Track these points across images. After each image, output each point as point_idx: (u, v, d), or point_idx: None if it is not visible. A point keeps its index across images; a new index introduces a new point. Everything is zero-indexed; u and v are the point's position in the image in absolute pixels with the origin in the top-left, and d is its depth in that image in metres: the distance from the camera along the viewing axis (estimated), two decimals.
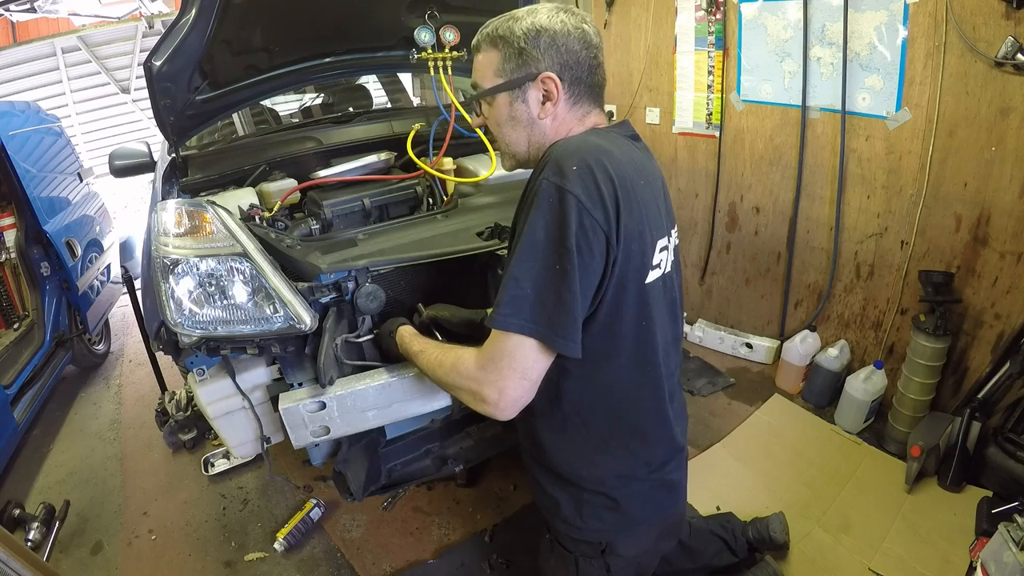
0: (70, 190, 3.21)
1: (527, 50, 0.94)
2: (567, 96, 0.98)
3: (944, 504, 1.93)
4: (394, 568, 1.87)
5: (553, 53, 0.94)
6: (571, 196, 0.85)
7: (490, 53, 0.98)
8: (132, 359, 3.43)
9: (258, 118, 2.87)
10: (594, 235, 0.86)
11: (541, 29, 0.93)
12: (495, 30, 0.97)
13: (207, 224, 1.34)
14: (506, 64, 0.96)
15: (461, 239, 1.55)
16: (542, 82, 0.95)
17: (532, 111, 0.98)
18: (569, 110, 1.00)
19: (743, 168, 2.72)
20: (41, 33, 4.79)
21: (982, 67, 1.86)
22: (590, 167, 0.87)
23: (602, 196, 0.86)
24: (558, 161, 0.88)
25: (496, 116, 1.02)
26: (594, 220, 0.86)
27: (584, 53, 0.96)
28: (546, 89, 0.96)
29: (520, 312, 0.87)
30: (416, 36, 1.87)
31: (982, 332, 2.08)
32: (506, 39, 0.95)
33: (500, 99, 0.99)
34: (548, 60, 0.95)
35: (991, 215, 1.96)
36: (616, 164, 0.91)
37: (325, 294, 1.42)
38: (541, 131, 1.00)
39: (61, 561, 1.99)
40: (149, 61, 1.56)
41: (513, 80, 0.96)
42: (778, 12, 2.36)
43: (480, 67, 1.01)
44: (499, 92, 0.98)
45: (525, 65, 0.95)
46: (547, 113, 0.98)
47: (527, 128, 1.00)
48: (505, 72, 0.97)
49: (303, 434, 1.40)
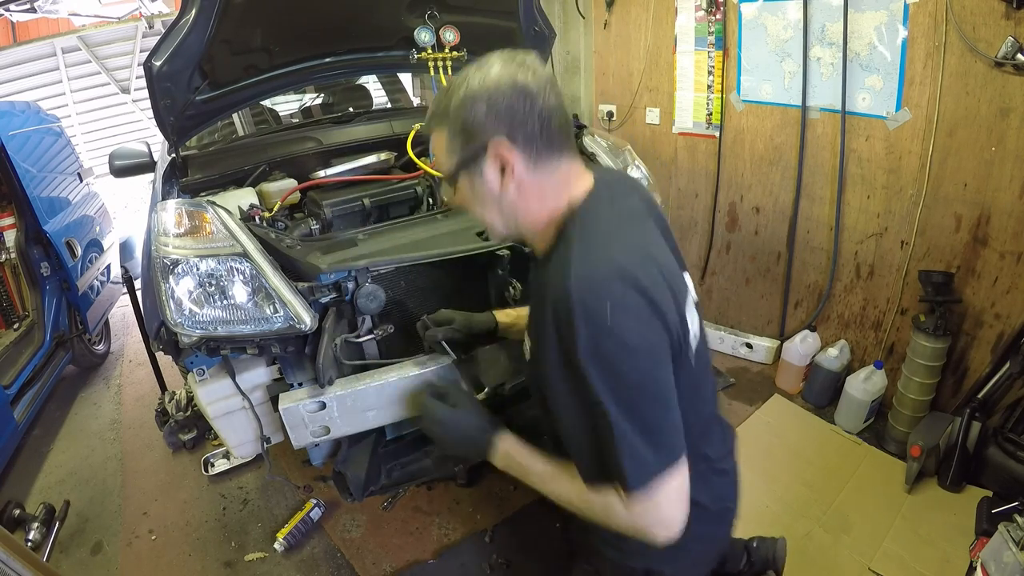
0: (70, 190, 3.21)
1: (467, 121, 0.85)
2: (524, 159, 0.85)
3: (944, 504, 1.93)
4: (394, 568, 1.87)
5: (493, 118, 0.84)
6: (625, 344, 0.77)
7: (439, 133, 0.90)
8: (132, 359, 3.43)
9: (258, 118, 2.87)
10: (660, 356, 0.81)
11: (474, 96, 0.84)
12: (435, 108, 0.90)
13: (207, 224, 1.34)
14: (453, 142, 0.87)
15: (461, 239, 1.55)
16: (493, 153, 0.85)
17: (493, 186, 0.87)
18: (534, 174, 0.87)
19: (743, 168, 2.72)
20: (41, 33, 4.79)
21: (982, 67, 1.86)
22: (623, 302, 0.77)
23: (650, 322, 0.79)
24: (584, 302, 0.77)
25: (463, 198, 0.93)
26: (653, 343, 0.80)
27: (525, 105, 0.84)
28: (499, 158, 0.85)
29: (644, 464, 0.80)
30: (416, 36, 1.87)
31: (982, 332, 2.08)
32: (445, 115, 0.87)
33: (461, 180, 0.90)
34: (491, 127, 0.84)
35: (991, 215, 1.96)
36: (637, 258, 0.82)
37: (325, 294, 1.42)
38: (511, 205, 0.89)
39: (61, 561, 1.99)
40: (149, 61, 1.56)
41: (465, 158, 0.87)
42: (778, 12, 2.36)
43: (436, 149, 0.93)
44: (457, 173, 0.89)
45: (470, 138, 0.85)
46: (509, 185, 0.87)
47: (496, 205, 0.90)
48: (455, 150, 0.88)
49: (303, 434, 1.40)
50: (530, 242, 0.96)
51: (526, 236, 0.94)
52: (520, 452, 1.02)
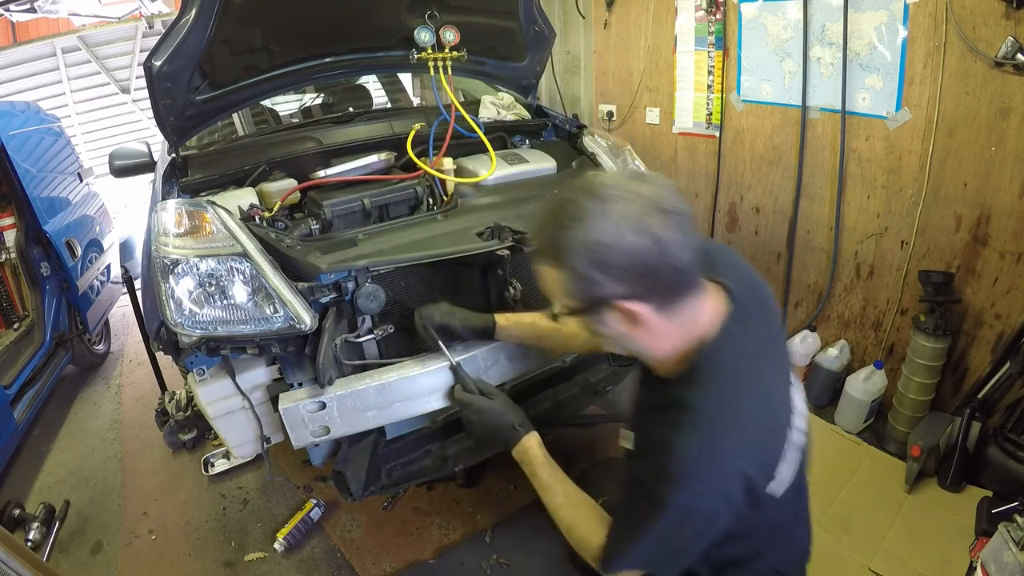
0: (70, 190, 3.21)
1: (594, 277, 0.74)
2: (654, 308, 0.77)
3: (944, 504, 1.93)
4: (394, 568, 1.87)
5: (630, 275, 0.74)
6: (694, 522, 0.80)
7: (550, 271, 0.80)
8: (132, 359, 3.43)
9: (258, 118, 2.86)
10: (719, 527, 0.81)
11: (596, 247, 0.73)
12: (548, 243, 0.78)
13: (207, 224, 1.35)
14: (572, 287, 0.78)
15: (461, 239, 1.55)
16: (616, 308, 0.78)
17: (620, 329, 0.81)
18: (663, 318, 0.79)
19: (743, 168, 2.72)
20: (41, 33, 4.78)
21: (982, 67, 1.86)
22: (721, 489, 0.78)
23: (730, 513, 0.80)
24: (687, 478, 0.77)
25: (583, 327, 0.86)
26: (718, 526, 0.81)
27: (657, 260, 0.73)
28: (625, 314, 0.78)
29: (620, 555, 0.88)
30: (416, 36, 1.87)
31: (982, 332, 2.08)
32: (562, 257, 0.76)
33: (581, 318, 0.83)
34: (616, 286, 0.75)
35: (991, 215, 1.96)
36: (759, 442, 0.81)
37: (325, 294, 1.42)
38: (636, 344, 0.84)
39: (61, 561, 1.99)
40: (149, 61, 1.57)
41: (584, 308, 0.80)
42: (778, 12, 2.36)
43: (546, 281, 0.83)
44: (576, 312, 0.82)
45: (591, 291, 0.76)
46: (636, 331, 0.81)
47: (622, 341, 0.84)
48: (573, 295, 0.79)
49: (303, 434, 1.40)
50: (656, 368, 0.91)
51: (653, 366, 0.90)
52: (538, 454, 1.09)
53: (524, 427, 1.13)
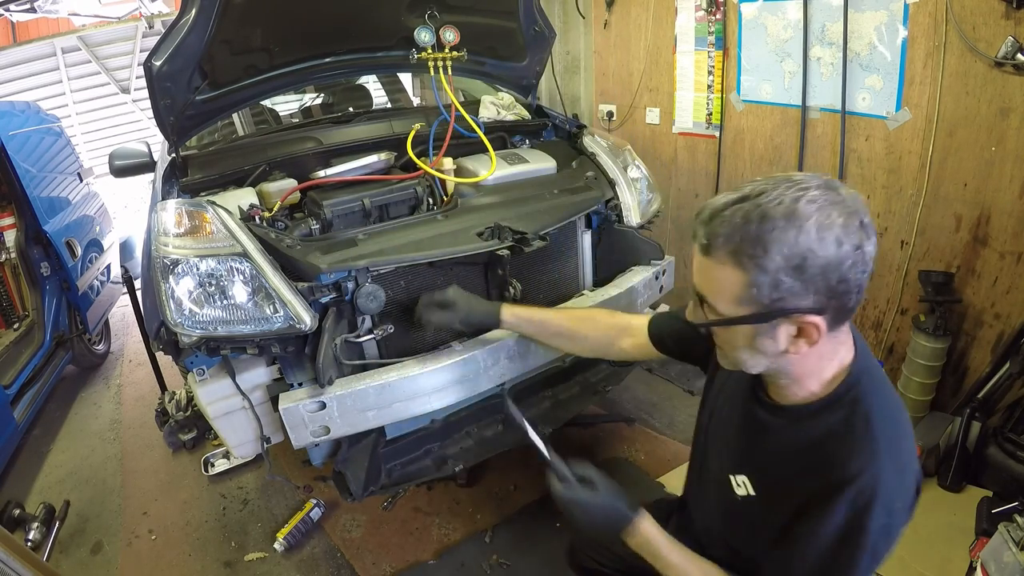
0: (70, 190, 3.21)
1: (786, 283, 0.69)
2: (828, 330, 0.74)
3: (944, 504, 1.93)
4: (394, 568, 1.87)
5: (821, 285, 0.69)
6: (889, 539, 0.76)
7: (732, 270, 0.72)
8: (132, 359, 3.43)
9: (258, 118, 2.86)
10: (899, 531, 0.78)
11: (809, 255, 0.67)
12: (743, 242, 0.70)
13: (207, 224, 1.35)
14: (753, 292, 0.71)
15: (461, 239, 1.55)
16: (800, 321, 0.72)
17: (779, 346, 0.75)
18: (828, 344, 0.76)
19: (743, 168, 2.72)
20: (41, 33, 4.78)
21: (982, 67, 1.86)
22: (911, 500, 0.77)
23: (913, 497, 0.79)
24: (889, 500, 0.73)
25: (731, 339, 0.80)
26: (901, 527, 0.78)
27: (859, 278, 0.70)
28: (803, 330, 0.73)
29: None
30: (416, 36, 1.87)
31: (982, 332, 2.08)
32: (758, 261, 0.69)
33: (740, 327, 0.76)
34: (812, 296, 0.70)
35: (991, 215, 1.96)
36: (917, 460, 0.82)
37: (325, 294, 1.42)
38: (785, 364, 0.79)
39: (61, 561, 1.99)
40: (149, 61, 1.57)
41: (763, 315, 0.73)
42: (778, 12, 2.36)
43: (714, 279, 0.75)
44: (741, 324, 0.75)
45: (781, 300, 0.70)
46: (798, 350, 0.75)
47: (768, 359, 0.78)
48: (750, 302, 0.72)
49: (303, 434, 1.40)
50: (775, 387, 0.85)
51: (778, 384, 0.83)
52: (658, 538, 0.95)
53: (634, 510, 0.97)
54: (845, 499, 0.73)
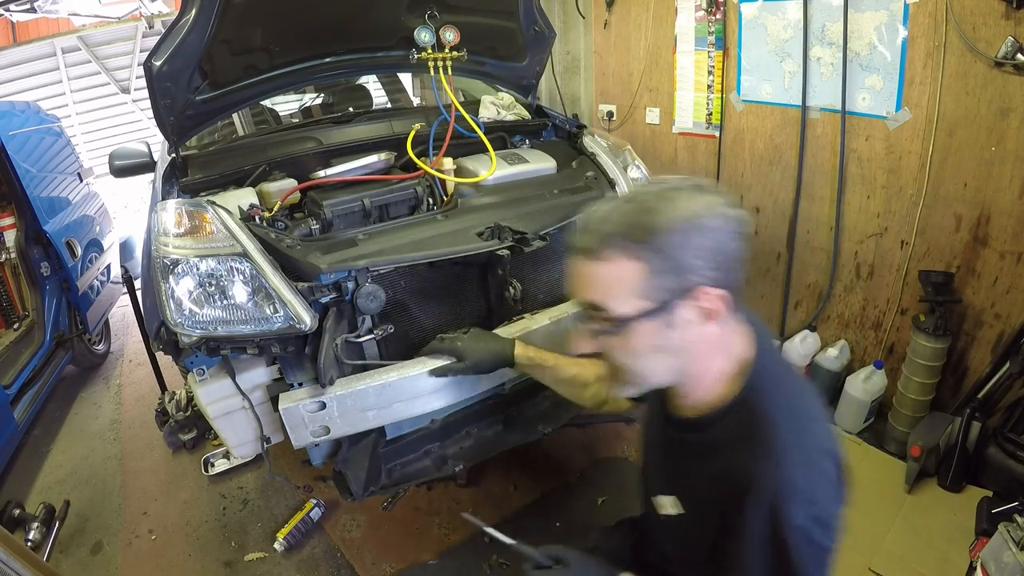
0: (70, 190, 3.21)
1: (683, 259, 0.69)
2: (727, 307, 0.74)
3: (944, 504, 1.93)
4: (394, 568, 1.87)
5: (712, 257, 0.70)
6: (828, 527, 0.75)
7: (625, 265, 0.70)
8: (132, 359, 3.43)
9: (258, 118, 2.86)
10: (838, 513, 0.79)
11: (694, 232, 0.69)
12: (633, 229, 0.70)
13: (207, 224, 1.35)
14: (652, 278, 0.70)
15: (461, 239, 1.55)
16: (697, 299, 0.71)
17: (685, 335, 0.73)
18: (726, 328, 0.76)
19: (743, 168, 2.72)
20: (41, 33, 4.78)
21: (982, 67, 1.86)
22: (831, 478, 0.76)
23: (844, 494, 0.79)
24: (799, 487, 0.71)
25: (631, 346, 0.75)
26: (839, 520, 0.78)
27: (740, 248, 0.72)
28: (705, 308, 0.72)
29: None
30: (416, 36, 1.87)
31: (982, 332, 2.08)
32: (648, 243, 0.69)
33: (643, 327, 0.72)
34: (705, 271, 0.70)
35: (991, 215, 1.96)
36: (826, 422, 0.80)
37: (325, 294, 1.42)
38: (692, 361, 0.76)
39: (61, 561, 1.99)
40: (149, 61, 1.57)
41: (665, 301, 0.71)
42: (778, 12, 2.36)
43: (605, 283, 0.72)
44: (645, 318, 0.72)
45: (680, 277, 0.70)
46: (703, 336, 0.74)
47: (674, 357, 0.75)
48: (650, 290, 0.70)
49: (303, 434, 1.40)
50: (679, 398, 0.83)
51: (682, 392, 0.82)
52: None
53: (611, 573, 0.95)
54: (756, 506, 0.71)
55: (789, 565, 0.72)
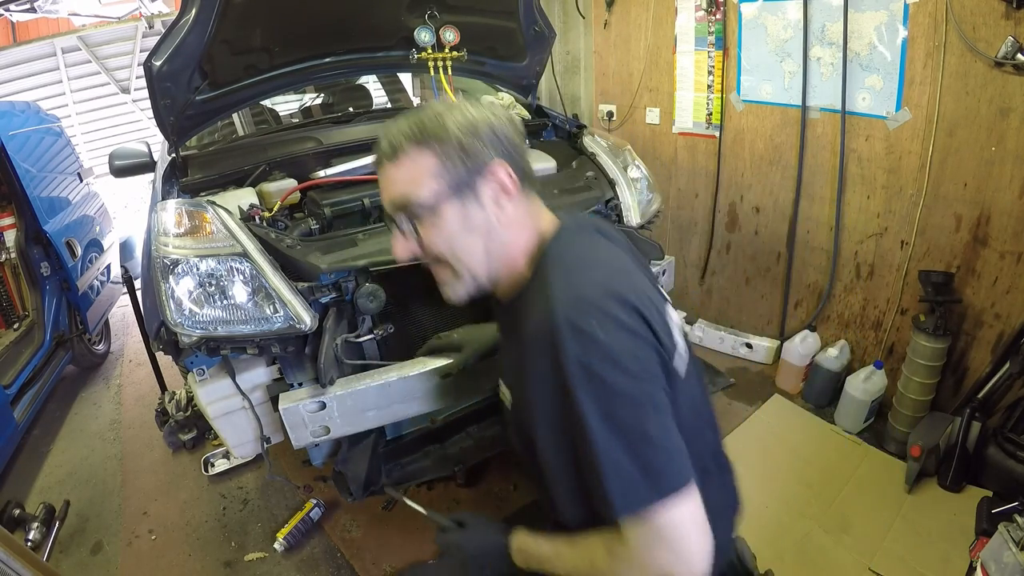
0: (70, 190, 3.21)
1: (467, 143, 0.81)
2: (519, 189, 0.86)
3: (944, 504, 1.93)
4: (394, 568, 1.87)
5: (496, 142, 0.83)
6: (617, 359, 0.73)
7: (421, 157, 0.82)
8: (132, 359, 3.43)
9: (258, 118, 2.87)
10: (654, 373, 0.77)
11: (477, 121, 0.82)
12: (420, 129, 0.82)
13: (207, 224, 1.35)
14: (447, 163, 0.81)
15: None
16: (493, 174, 0.82)
17: (488, 212, 0.83)
18: (523, 207, 0.87)
19: (743, 168, 2.72)
20: (41, 33, 4.78)
21: (982, 67, 1.86)
22: (613, 316, 0.75)
23: (642, 339, 0.76)
24: (570, 320, 0.74)
25: (443, 229, 0.84)
26: (645, 360, 0.76)
27: (520, 141, 0.87)
28: (499, 181, 0.83)
29: (633, 488, 0.73)
30: (416, 36, 1.87)
31: (982, 332, 2.08)
32: (438, 136, 0.81)
33: (448, 208, 0.82)
34: (492, 149, 0.83)
35: (991, 215, 1.96)
36: (621, 278, 0.81)
37: (325, 294, 1.42)
38: (501, 237, 0.85)
39: (61, 561, 1.99)
40: (149, 61, 1.57)
41: (462, 180, 0.82)
42: (778, 12, 2.36)
43: (409, 176, 0.83)
44: (446, 198, 0.82)
45: (471, 159, 0.81)
46: (503, 211, 0.85)
47: (484, 235, 0.84)
48: (448, 174, 0.81)
49: (303, 434, 1.40)
50: (499, 284, 0.91)
51: (499, 275, 0.89)
52: (532, 544, 0.95)
53: (506, 534, 0.99)
54: (540, 350, 0.76)
55: (574, 404, 0.73)
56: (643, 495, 0.73)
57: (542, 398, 0.78)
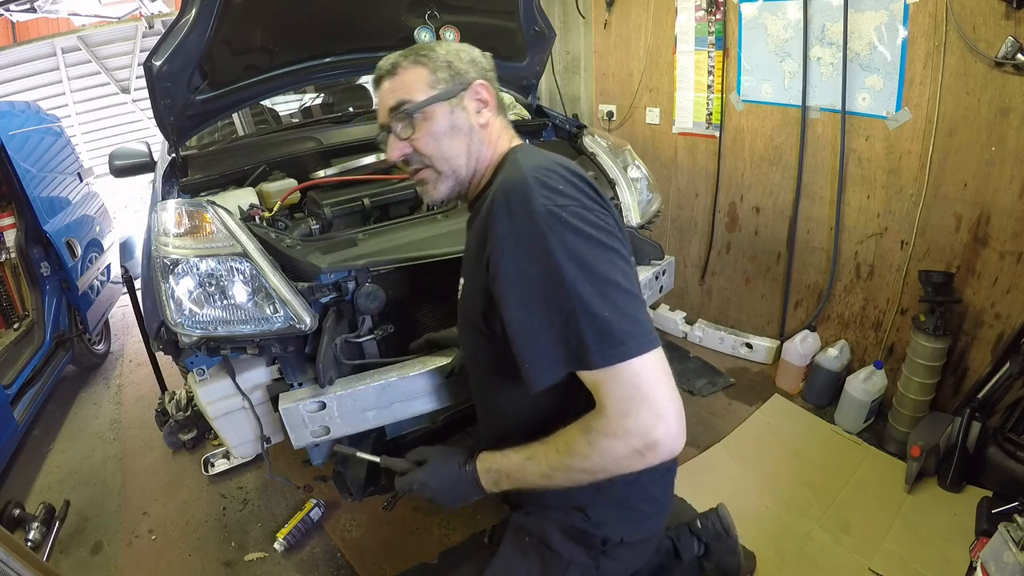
0: (70, 190, 3.21)
1: (454, 63, 0.98)
2: (495, 105, 1.03)
3: (944, 504, 1.93)
4: (394, 568, 1.87)
5: (476, 67, 1.01)
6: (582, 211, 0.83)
7: (415, 69, 0.98)
8: (132, 359, 3.43)
9: (258, 118, 2.86)
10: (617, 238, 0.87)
11: (459, 49, 1.01)
12: (415, 51, 1.00)
13: (207, 224, 1.34)
14: (438, 75, 0.97)
15: (461, 239, 1.54)
16: (475, 91, 0.99)
17: (471, 118, 0.99)
18: (499, 119, 1.04)
19: (743, 168, 2.72)
20: (41, 33, 4.78)
21: (982, 67, 1.86)
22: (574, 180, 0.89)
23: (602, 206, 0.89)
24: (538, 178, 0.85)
25: (434, 129, 0.98)
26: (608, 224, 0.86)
27: (493, 73, 1.04)
28: (479, 98, 1.00)
29: (609, 335, 0.75)
30: (416, 36, 1.87)
31: (982, 332, 2.08)
32: (430, 56, 0.98)
33: (439, 110, 0.97)
34: (475, 71, 1.00)
35: (991, 215, 1.96)
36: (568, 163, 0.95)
37: (325, 294, 1.42)
38: (480, 140, 1.00)
39: (61, 561, 1.99)
40: (149, 61, 1.56)
41: (450, 88, 0.97)
42: (778, 12, 2.36)
43: (406, 84, 0.98)
44: (439, 100, 0.97)
45: (457, 75, 0.98)
46: (485, 119, 1.00)
47: (467, 137, 0.99)
48: (439, 82, 0.97)
49: (303, 434, 1.40)
50: (471, 187, 1.03)
51: (475, 175, 1.02)
52: (499, 461, 0.95)
53: (466, 458, 1.01)
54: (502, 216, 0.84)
55: (546, 253, 0.78)
56: (625, 344, 0.75)
57: (503, 261, 0.82)
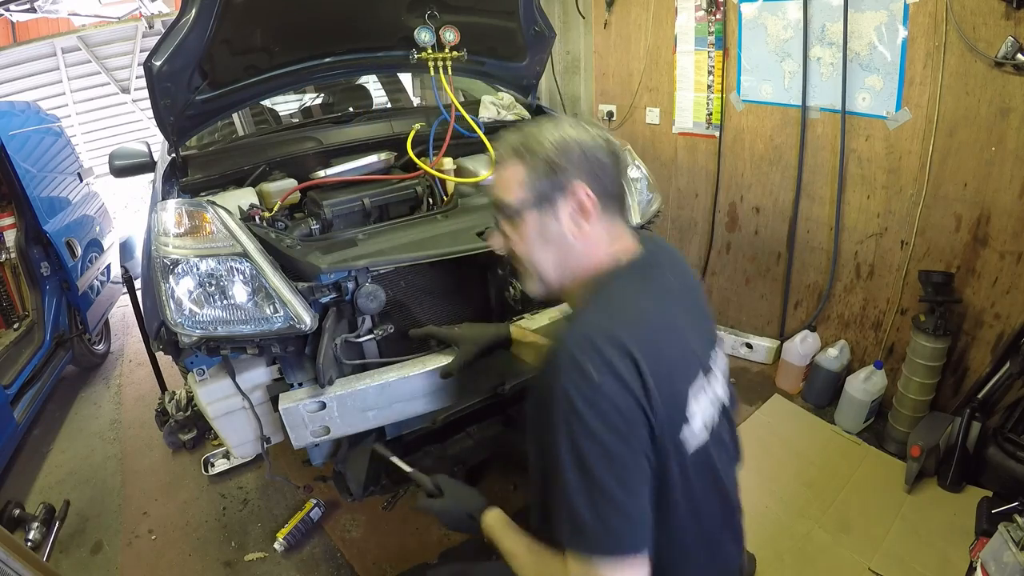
0: (70, 190, 3.21)
1: (555, 161, 0.89)
2: (599, 210, 0.90)
3: (944, 504, 1.93)
4: (394, 568, 1.87)
5: (583, 163, 0.89)
6: (597, 402, 0.75)
7: (515, 167, 0.92)
8: (132, 359, 3.43)
9: (258, 118, 2.86)
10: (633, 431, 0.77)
11: (569, 139, 0.90)
12: (521, 142, 0.92)
13: (207, 224, 1.34)
14: (533, 176, 0.90)
15: (461, 239, 1.55)
16: (573, 194, 0.89)
17: (564, 228, 0.90)
18: (601, 228, 0.92)
19: (743, 168, 2.72)
20: (41, 33, 4.78)
21: (982, 67, 1.86)
22: (608, 360, 0.77)
23: (630, 392, 0.77)
24: (572, 355, 0.78)
25: (524, 234, 0.93)
26: (628, 415, 0.77)
27: (610, 163, 0.92)
28: (578, 201, 0.89)
29: (581, 531, 0.76)
30: (416, 36, 1.87)
31: (982, 332, 2.08)
32: (532, 150, 0.90)
33: (528, 216, 0.92)
34: (577, 170, 0.89)
35: (991, 215, 1.96)
36: (640, 332, 0.82)
37: (325, 294, 1.42)
38: (573, 253, 0.92)
39: (61, 561, 1.99)
40: (149, 61, 1.56)
41: (544, 193, 0.90)
42: (778, 12, 2.36)
43: (504, 182, 0.94)
44: (528, 207, 0.91)
45: (554, 175, 0.89)
46: (579, 229, 0.90)
47: (557, 248, 0.92)
48: (533, 186, 0.90)
49: (303, 434, 1.40)
50: (567, 295, 0.98)
51: (567, 287, 0.96)
52: (498, 530, 1.07)
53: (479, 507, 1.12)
54: (548, 368, 0.81)
55: (553, 429, 0.77)
56: (590, 543, 0.76)
57: (533, 409, 0.85)
